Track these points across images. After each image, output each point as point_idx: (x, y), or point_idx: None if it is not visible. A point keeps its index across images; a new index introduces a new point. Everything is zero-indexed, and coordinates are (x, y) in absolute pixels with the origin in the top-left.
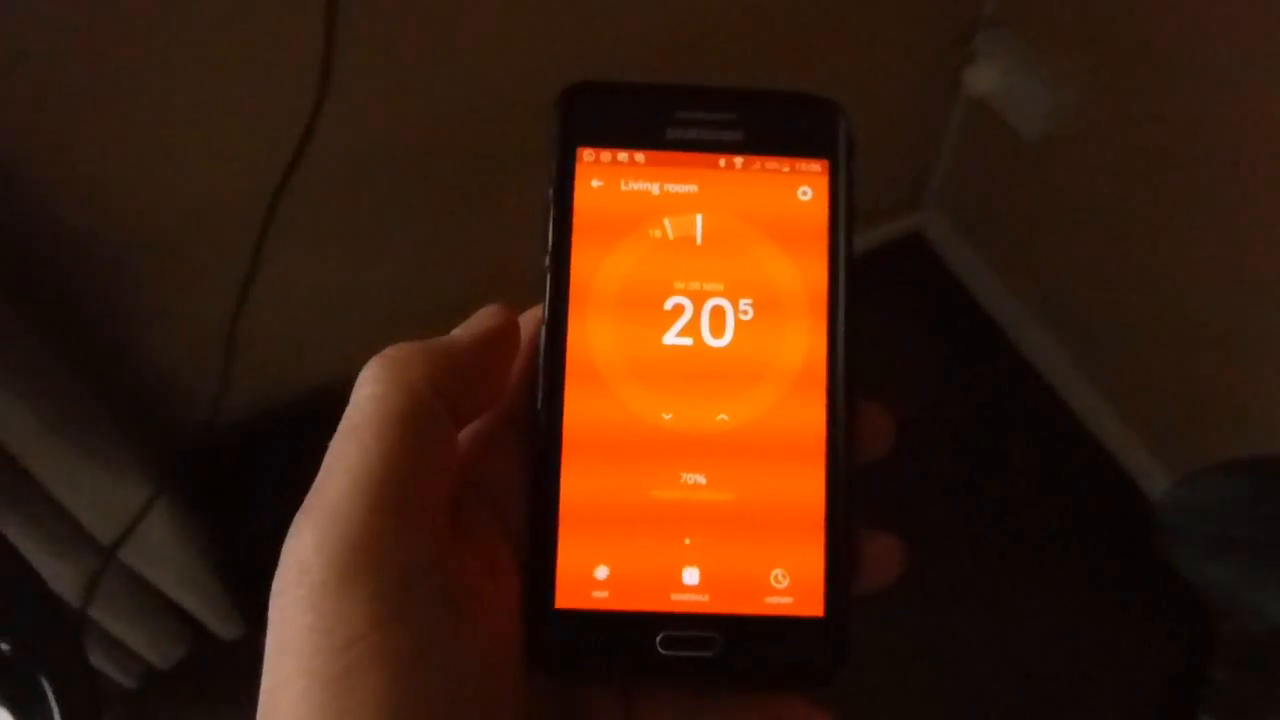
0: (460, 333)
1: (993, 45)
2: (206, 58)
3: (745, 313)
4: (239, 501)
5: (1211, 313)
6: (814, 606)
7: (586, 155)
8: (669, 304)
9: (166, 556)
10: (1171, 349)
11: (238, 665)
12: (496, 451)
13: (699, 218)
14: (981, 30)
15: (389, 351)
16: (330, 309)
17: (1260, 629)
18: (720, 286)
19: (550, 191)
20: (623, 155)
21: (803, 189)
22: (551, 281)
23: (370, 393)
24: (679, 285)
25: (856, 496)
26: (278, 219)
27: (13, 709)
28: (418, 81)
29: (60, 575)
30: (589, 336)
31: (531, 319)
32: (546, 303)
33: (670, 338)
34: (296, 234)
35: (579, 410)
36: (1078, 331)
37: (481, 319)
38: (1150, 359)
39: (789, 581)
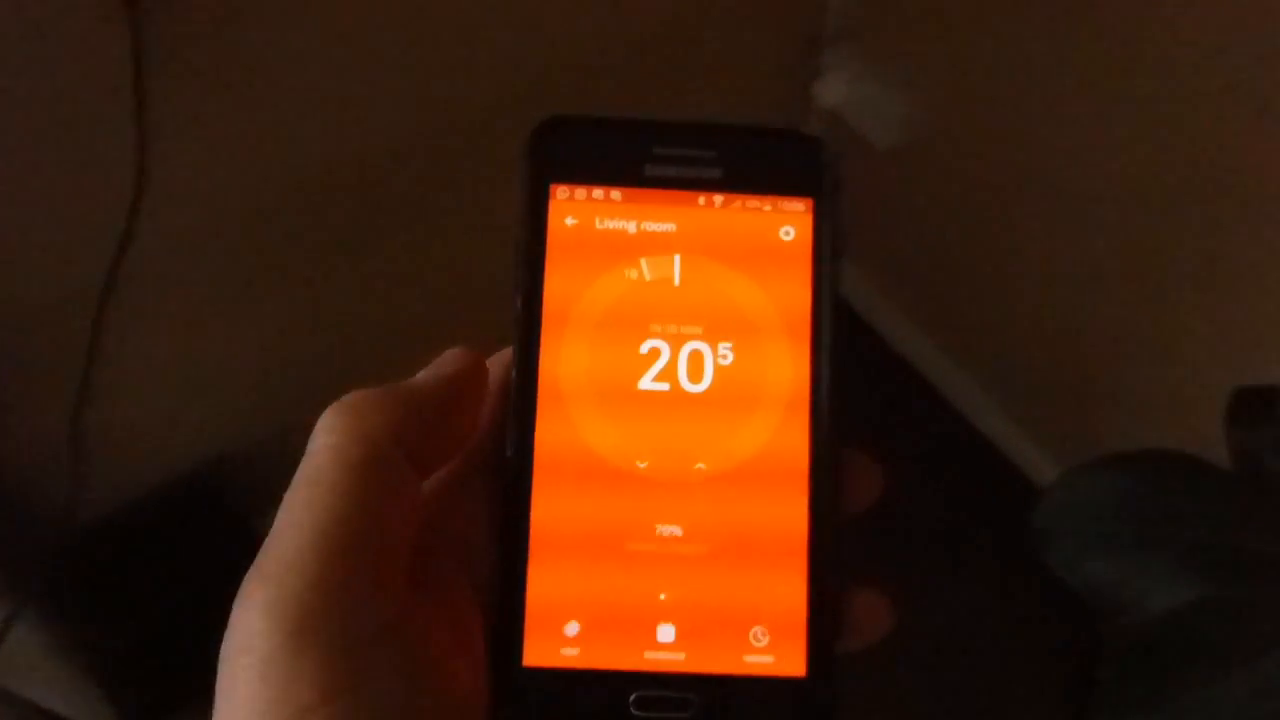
0: (423, 377)
1: (840, 58)
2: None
3: (725, 357)
4: (113, 601)
5: (1072, 307)
6: (795, 666)
7: (560, 192)
8: (645, 347)
9: (38, 671)
10: (1042, 344)
11: None
12: (464, 500)
13: (677, 258)
14: (829, 43)
15: (346, 399)
16: (192, 388)
17: (1142, 623)
18: (699, 329)
19: (521, 229)
20: (598, 192)
21: (785, 228)
22: (522, 324)
23: (325, 444)
24: (656, 328)
25: (841, 550)
26: (118, 305)
27: None
28: (244, 150)
29: None
30: (561, 381)
31: (501, 362)
32: (517, 345)
33: (646, 382)
34: (139, 317)
35: (550, 457)
36: (951, 331)
37: (446, 362)
38: (1021, 355)
39: (769, 640)
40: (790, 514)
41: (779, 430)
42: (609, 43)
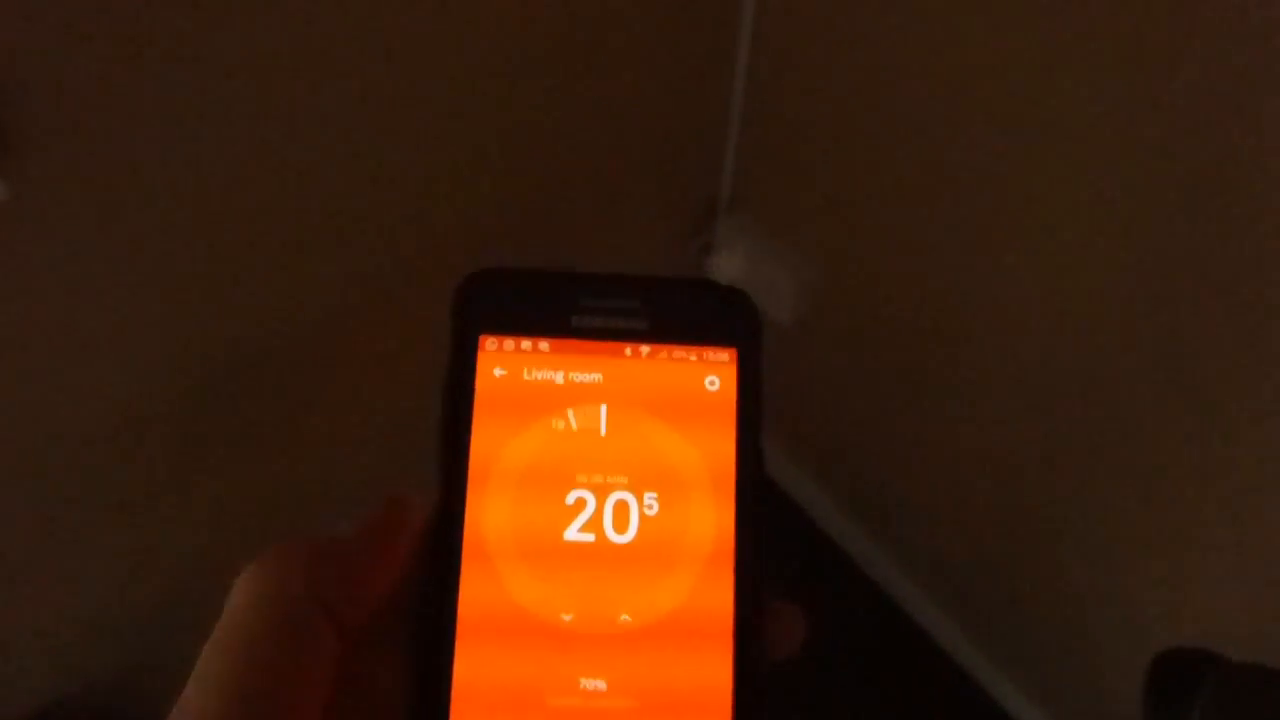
0: (348, 526)
1: (730, 233)
2: None
3: (650, 507)
4: None
5: (983, 479)
6: None
7: (489, 344)
8: (571, 497)
9: None
10: (957, 518)
11: None
12: (387, 653)
13: (603, 408)
14: (719, 217)
15: (267, 553)
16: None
17: None
18: (624, 479)
19: (448, 379)
20: (526, 343)
21: (710, 378)
22: (445, 473)
23: (241, 603)
24: (582, 478)
25: (766, 699)
26: None
27: None
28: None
29: None
30: (485, 531)
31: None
32: (440, 494)
33: (572, 533)
34: None
35: (472, 608)
36: (867, 503)
37: (374, 511)
38: (939, 525)
39: None
40: (715, 667)
41: (703, 581)
42: (501, 208)
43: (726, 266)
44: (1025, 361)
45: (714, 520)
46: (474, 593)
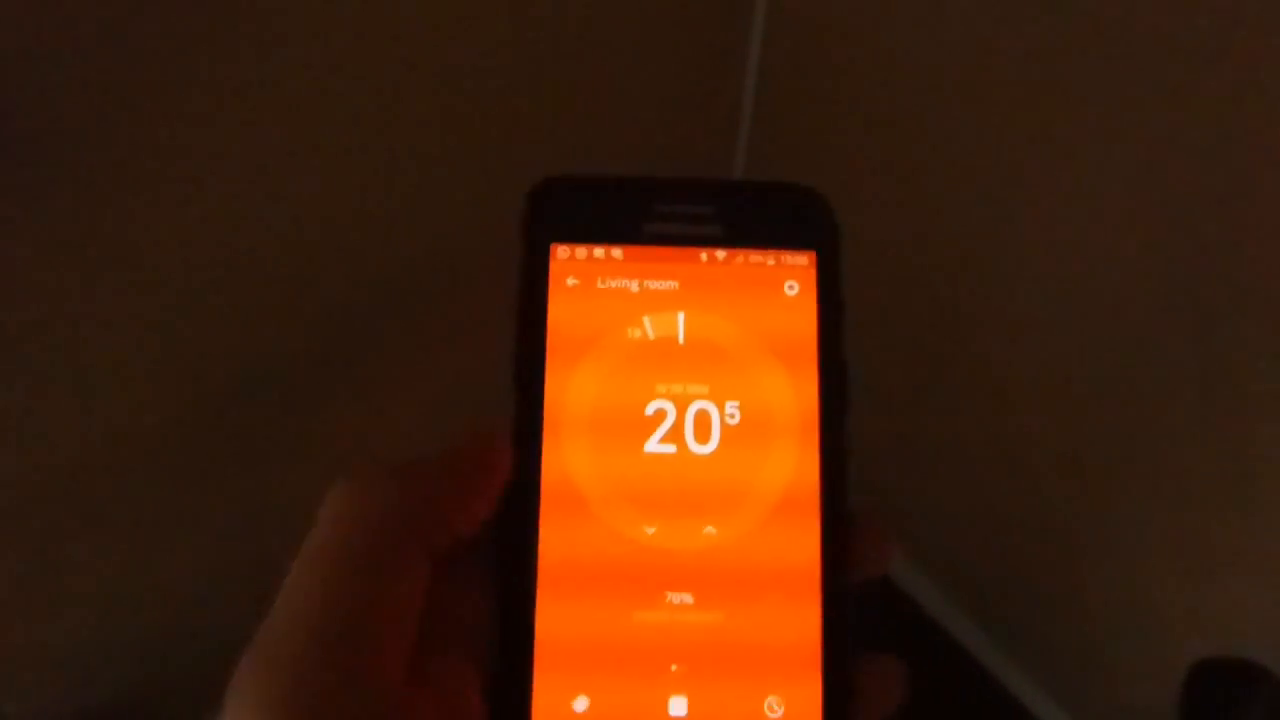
0: (437, 454)
1: None
2: None
3: (732, 417)
4: None
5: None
6: None
7: (560, 252)
8: (650, 409)
9: None
10: (974, 517)
11: None
12: (474, 582)
13: (681, 315)
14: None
15: (356, 471)
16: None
17: None
18: (705, 389)
19: (520, 292)
20: (599, 251)
21: (789, 283)
22: (522, 388)
23: (332, 515)
24: (661, 388)
25: (855, 617)
26: None
27: None
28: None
29: None
30: (564, 447)
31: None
32: (516, 411)
33: (652, 445)
34: None
35: (554, 527)
36: (883, 503)
37: (462, 438)
38: (957, 525)
39: (784, 710)
40: (803, 579)
41: (789, 490)
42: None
43: None
44: (1049, 360)
45: (798, 427)
46: (555, 507)
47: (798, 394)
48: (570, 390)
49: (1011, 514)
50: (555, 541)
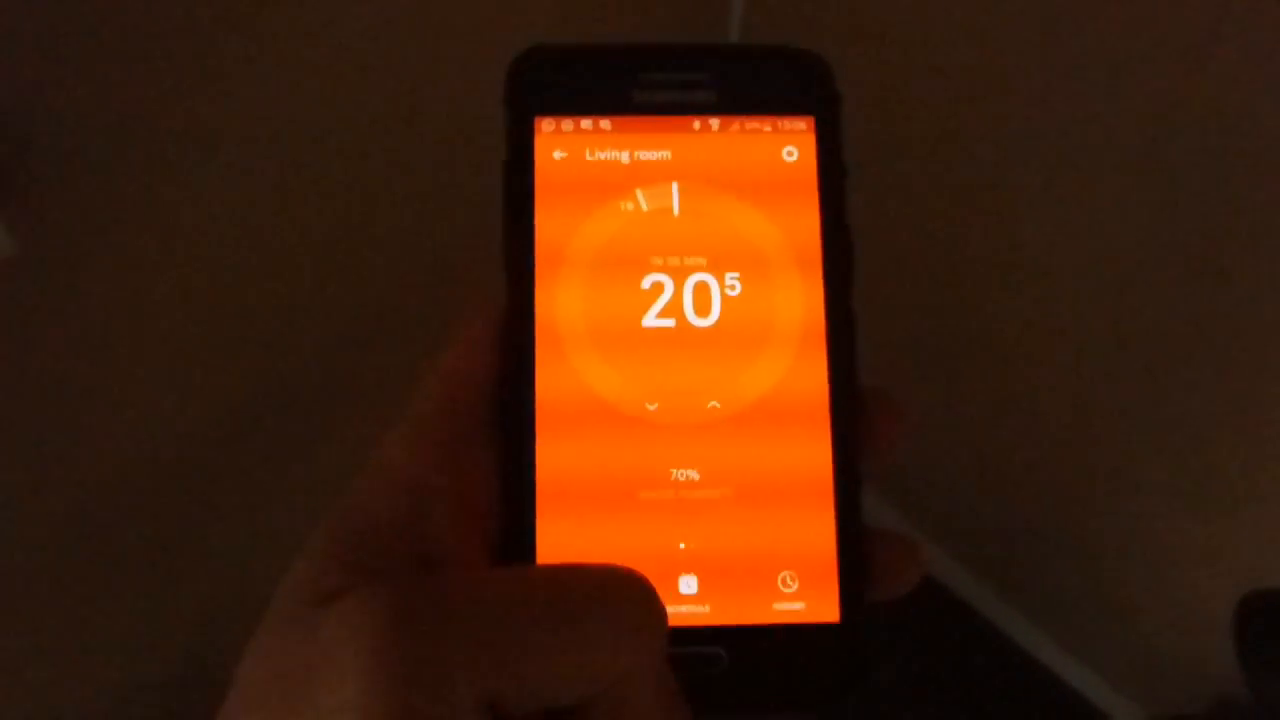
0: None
1: None
2: None
3: (732, 288)
4: None
5: (1013, 447)
6: (828, 611)
7: (546, 125)
8: (647, 282)
9: None
10: (981, 475)
11: None
12: (476, 453)
13: (675, 186)
14: None
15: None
16: None
17: None
18: (703, 260)
19: (506, 167)
20: (586, 123)
21: (788, 149)
22: (513, 266)
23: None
24: (657, 261)
25: (862, 484)
26: None
27: None
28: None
29: None
30: (559, 323)
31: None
32: (509, 288)
33: (650, 319)
34: None
35: (553, 405)
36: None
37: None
38: (962, 484)
39: (799, 585)
40: (813, 449)
41: (795, 362)
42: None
43: None
44: (1054, 309)
45: (801, 298)
46: (553, 387)
47: (799, 262)
48: (563, 270)
49: (1016, 466)
50: (554, 419)
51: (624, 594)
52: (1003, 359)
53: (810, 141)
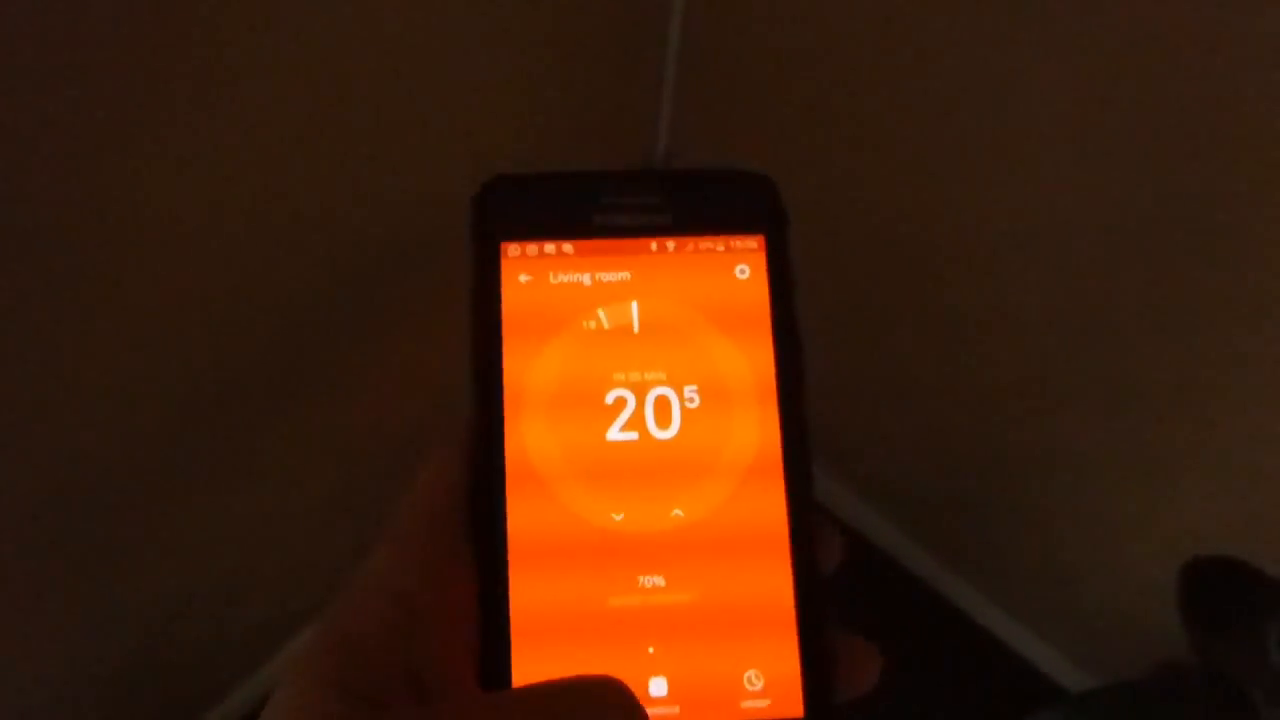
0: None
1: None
2: None
3: (691, 400)
4: None
5: (960, 424)
6: (793, 707)
7: (511, 250)
8: (610, 397)
9: None
10: (928, 448)
11: None
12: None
13: (634, 304)
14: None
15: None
16: None
17: None
18: (662, 375)
19: (473, 292)
20: (549, 247)
21: (740, 267)
22: (480, 387)
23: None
24: (619, 376)
25: (826, 589)
26: None
27: None
28: None
29: None
30: (527, 441)
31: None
32: (476, 411)
33: (614, 433)
34: None
35: (523, 520)
36: (834, 442)
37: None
38: (909, 457)
39: (764, 682)
40: (772, 554)
41: (752, 470)
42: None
43: None
44: (1002, 289)
45: (757, 409)
46: (523, 505)
47: (754, 373)
48: (529, 386)
49: (963, 437)
50: (524, 532)
51: (606, 702)
52: (952, 332)
53: (761, 259)
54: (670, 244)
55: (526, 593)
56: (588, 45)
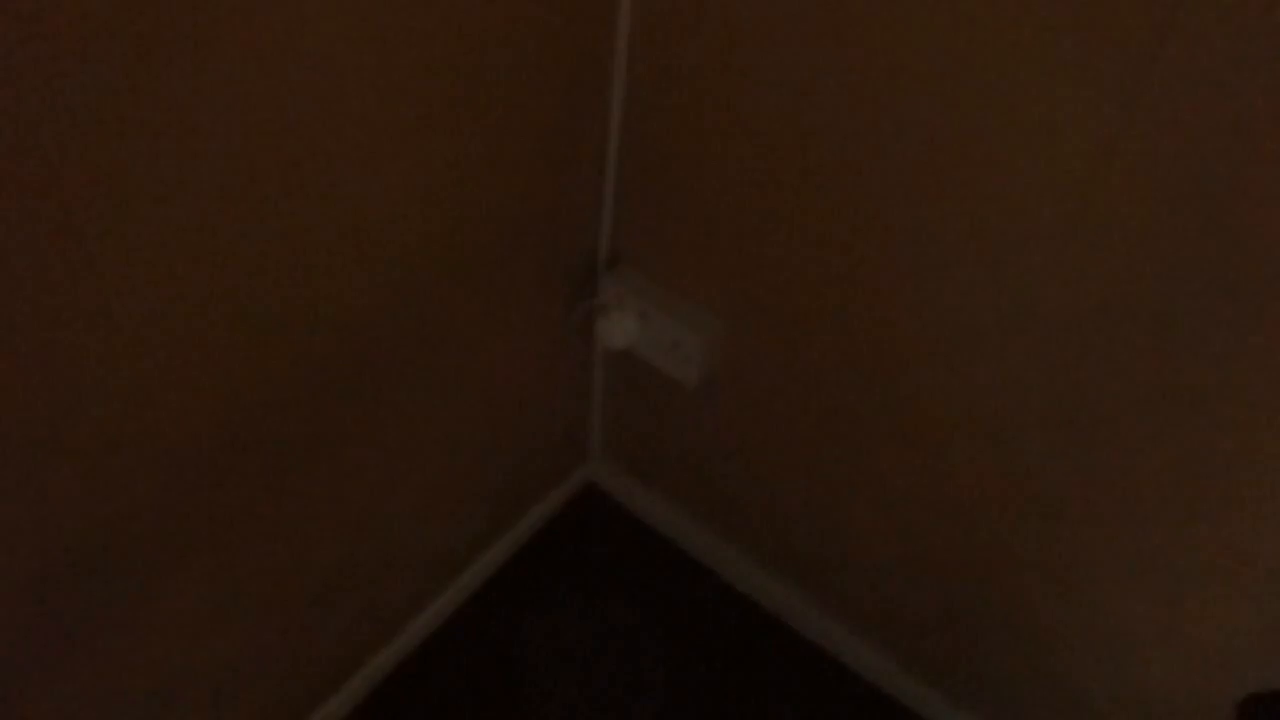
0: None
1: (619, 291)
2: None
3: None
4: None
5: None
6: None
7: None
8: None
9: None
10: (905, 563)
11: None
12: None
13: None
14: (600, 274)
15: None
16: None
17: None
18: None
19: None
20: None
21: None
22: None
23: None
24: None
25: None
26: None
27: None
28: None
29: None
30: None
31: None
32: None
33: None
34: None
35: None
36: (806, 564)
37: None
38: (887, 575)
39: None
40: None
41: None
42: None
43: (619, 330)
44: (971, 389)
45: None
46: None
47: None
48: None
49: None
50: None
51: None
52: (936, 446)
53: None
54: None
55: None
56: (525, 144)
